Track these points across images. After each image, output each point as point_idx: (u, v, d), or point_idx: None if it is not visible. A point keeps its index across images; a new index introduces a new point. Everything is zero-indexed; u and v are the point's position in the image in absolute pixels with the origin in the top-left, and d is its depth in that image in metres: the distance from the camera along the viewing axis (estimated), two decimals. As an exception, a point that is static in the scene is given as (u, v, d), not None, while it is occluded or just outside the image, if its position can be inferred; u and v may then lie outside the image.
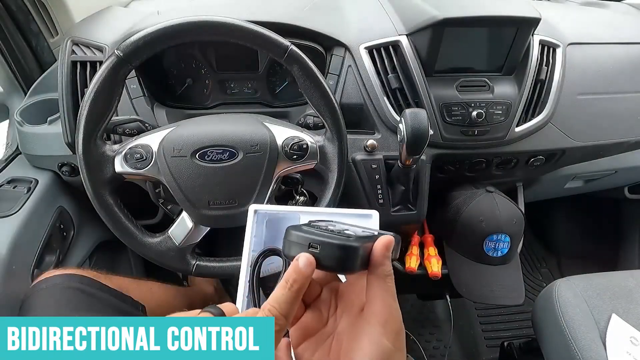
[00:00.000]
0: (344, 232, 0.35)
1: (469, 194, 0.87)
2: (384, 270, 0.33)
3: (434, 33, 0.76)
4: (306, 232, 0.34)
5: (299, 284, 0.32)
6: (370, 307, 0.33)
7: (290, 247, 0.34)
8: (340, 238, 0.33)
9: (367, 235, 0.35)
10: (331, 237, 0.33)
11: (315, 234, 0.33)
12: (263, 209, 0.53)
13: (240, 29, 0.56)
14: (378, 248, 0.33)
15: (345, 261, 0.32)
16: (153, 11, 0.85)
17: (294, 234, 0.34)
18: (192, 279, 1.25)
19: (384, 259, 0.33)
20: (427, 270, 0.86)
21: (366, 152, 0.79)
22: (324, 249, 0.32)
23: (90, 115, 0.56)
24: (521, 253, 0.92)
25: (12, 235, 0.73)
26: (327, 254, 0.32)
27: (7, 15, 0.83)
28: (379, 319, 0.32)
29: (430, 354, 1.26)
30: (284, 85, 0.90)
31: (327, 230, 0.35)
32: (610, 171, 1.07)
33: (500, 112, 0.81)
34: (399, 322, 0.33)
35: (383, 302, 0.33)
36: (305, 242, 0.33)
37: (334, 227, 0.37)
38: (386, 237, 0.34)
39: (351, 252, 0.32)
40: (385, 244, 0.33)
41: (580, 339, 0.73)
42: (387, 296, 0.33)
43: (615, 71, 0.91)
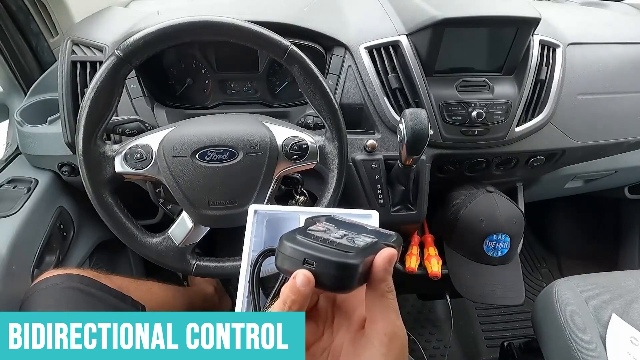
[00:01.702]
0: (343, 241, 0.32)
1: (469, 194, 0.87)
2: (386, 286, 0.31)
3: (434, 33, 0.76)
4: (301, 245, 0.31)
5: (298, 305, 0.29)
6: (372, 325, 0.31)
7: (283, 261, 0.31)
8: (339, 253, 0.30)
9: (367, 245, 0.33)
10: (329, 251, 0.30)
11: (311, 247, 0.30)
12: (263, 209, 0.53)
13: (240, 29, 0.56)
14: (379, 263, 0.31)
15: (342, 280, 0.30)
16: (153, 11, 0.84)
17: (288, 247, 0.31)
18: (192, 279, 1.25)
19: (386, 275, 0.31)
20: (427, 270, 0.86)
21: (366, 152, 0.79)
22: (320, 266, 0.29)
23: (90, 115, 0.56)
24: (521, 253, 0.92)
25: (12, 235, 0.73)
26: (324, 272, 0.29)
27: (7, 15, 0.83)
28: (382, 340, 0.30)
29: (430, 354, 1.26)
30: (284, 85, 0.90)
31: (323, 240, 0.32)
32: (610, 171, 1.07)
33: (500, 112, 0.81)
34: (403, 341, 0.31)
35: (386, 321, 0.31)
36: (299, 258, 0.30)
37: (333, 234, 0.35)
38: (388, 251, 0.31)
39: (350, 270, 0.29)
40: (387, 258, 0.31)
41: (580, 339, 0.73)
42: (389, 313, 0.31)
43: (615, 71, 0.91)
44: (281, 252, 0.31)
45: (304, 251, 0.30)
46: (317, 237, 0.32)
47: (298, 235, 0.32)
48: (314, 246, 0.31)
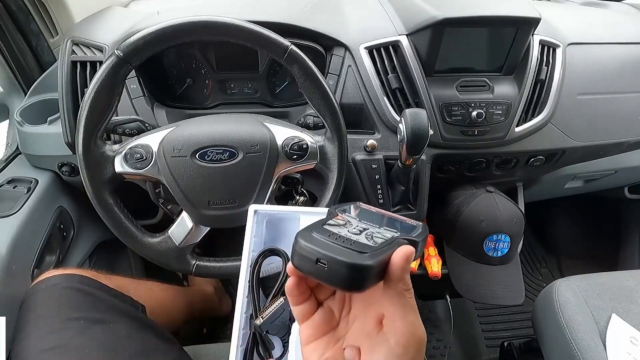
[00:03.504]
0: (360, 237, 0.32)
1: (469, 194, 0.87)
2: (404, 284, 0.30)
3: (434, 33, 0.76)
4: (315, 244, 0.30)
5: None
6: (390, 325, 0.30)
7: (299, 260, 0.31)
8: (352, 254, 0.29)
9: (386, 243, 0.32)
10: (342, 251, 0.29)
11: (325, 247, 0.30)
12: (263, 209, 0.53)
13: (240, 29, 0.56)
14: (396, 261, 0.30)
15: (355, 281, 0.29)
16: (153, 11, 0.84)
17: (303, 245, 0.31)
18: (192, 279, 1.25)
19: (404, 273, 0.30)
20: (427, 270, 0.86)
21: (366, 152, 0.79)
22: (333, 266, 0.29)
23: (90, 115, 0.56)
24: (521, 253, 0.92)
25: (12, 235, 0.73)
26: (336, 272, 0.29)
27: (7, 15, 0.83)
28: (400, 341, 0.30)
29: (430, 354, 1.26)
30: (284, 85, 0.90)
31: (338, 238, 0.31)
32: (610, 171, 1.07)
33: (500, 112, 0.81)
34: (422, 341, 0.31)
35: (405, 321, 0.30)
36: (313, 257, 0.30)
37: (351, 228, 0.34)
38: (404, 249, 0.30)
39: (363, 272, 0.29)
40: (404, 256, 0.30)
41: (580, 339, 0.73)
42: (408, 313, 0.30)
43: (615, 71, 0.91)
44: (296, 250, 0.31)
45: (316, 250, 0.30)
46: (332, 233, 0.32)
47: (314, 232, 0.32)
48: (327, 245, 0.30)
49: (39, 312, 0.63)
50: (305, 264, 0.30)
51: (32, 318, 0.62)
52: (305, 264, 0.30)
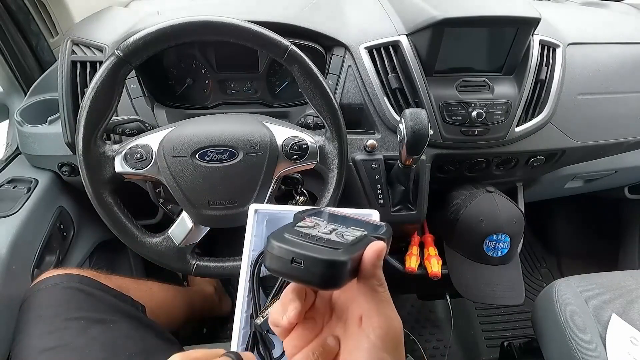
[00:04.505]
0: (331, 236, 0.32)
1: (469, 194, 0.87)
2: (377, 280, 0.31)
3: (434, 33, 0.76)
4: (288, 244, 0.30)
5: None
6: (368, 321, 0.31)
7: (272, 261, 0.31)
8: (326, 250, 0.30)
9: (356, 240, 0.32)
10: (316, 249, 0.30)
11: (299, 246, 0.30)
12: (264, 208, 0.53)
13: (240, 29, 0.56)
14: (368, 258, 0.31)
15: (332, 278, 0.29)
16: (153, 11, 0.84)
17: (276, 246, 0.30)
18: (192, 279, 1.25)
19: (375, 269, 0.31)
20: (427, 270, 0.86)
21: (366, 152, 0.79)
22: (309, 264, 0.29)
23: (90, 115, 0.56)
24: (521, 253, 0.92)
25: (12, 235, 0.73)
26: (313, 270, 0.29)
27: (7, 15, 0.83)
28: (377, 334, 0.30)
29: (430, 354, 1.26)
30: (284, 85, 0.90)
31: (311, 237, 0.32)
32: (610, 171, 1.07)
33: (500, 112, 0.81)
34: (399, 333, 0.32)
35: (380, 315, 0.31)
36: (287, 257, 0.30)
37: (321, 229, 0.34)
38: (376, 246, 0.31)
39: (339, 267, 0.29)
40: (375, 252, 0.31)
41: (580, 339, 0.73)
42: (383, 307, 0.31)
43: (615, 71, 0.91)
44: (269, 251, 0.31)
45: (291, 250, 0.30)
46: (304, 234, 0.32)
47: (286, 233, 0.32)
48: (301, 244, 0.30)
49: (39, 312, 0.63)
50: (281, 265, 0.30)
51: (32, 318, 0.62)
52: (280, 265, 0.30)
